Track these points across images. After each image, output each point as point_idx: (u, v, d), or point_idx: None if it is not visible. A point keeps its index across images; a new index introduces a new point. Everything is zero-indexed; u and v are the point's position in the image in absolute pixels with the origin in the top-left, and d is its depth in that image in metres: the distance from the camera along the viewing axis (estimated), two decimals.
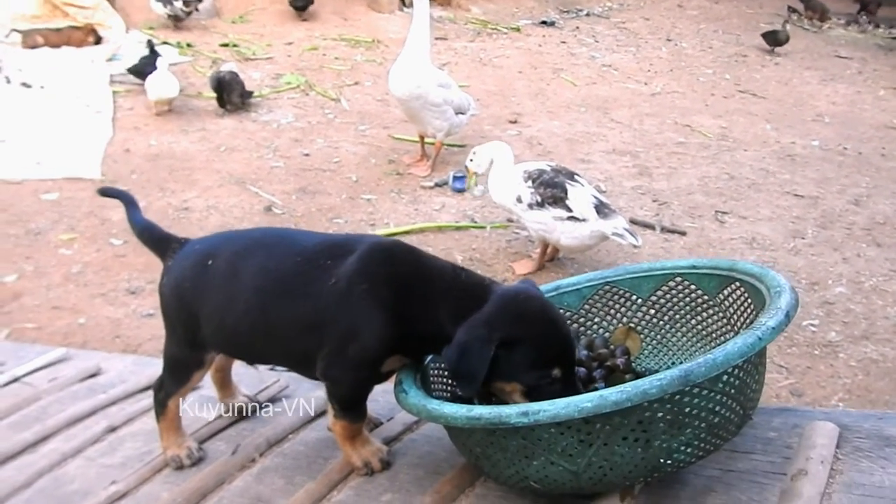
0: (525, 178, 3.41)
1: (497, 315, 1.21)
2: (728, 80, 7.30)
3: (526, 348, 1.19)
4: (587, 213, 3.30)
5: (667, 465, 1.09)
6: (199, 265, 1.43)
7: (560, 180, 3.37)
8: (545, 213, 3.34)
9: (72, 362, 2.16)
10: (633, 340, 1.48)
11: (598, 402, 1.00)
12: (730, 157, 5.22)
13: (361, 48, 7.09)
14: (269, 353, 1.44)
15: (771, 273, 1.26)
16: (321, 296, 1.30)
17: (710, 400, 1.08)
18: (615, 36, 8.78)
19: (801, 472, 1.08)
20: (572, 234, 3.34)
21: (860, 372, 2.99)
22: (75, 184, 4.16)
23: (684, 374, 1.00)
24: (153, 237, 1.57)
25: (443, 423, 1.14)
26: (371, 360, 1.31)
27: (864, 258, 3.91)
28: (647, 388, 1.00)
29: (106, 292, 3.26)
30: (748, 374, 1.14)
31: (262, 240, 1.44)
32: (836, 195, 4.70)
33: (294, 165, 4.57)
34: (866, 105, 6.83)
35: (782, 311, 1.12)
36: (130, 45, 6.36)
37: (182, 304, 1.45)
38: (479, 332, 1.20)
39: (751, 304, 1.30)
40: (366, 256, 1.31)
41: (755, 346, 1.06)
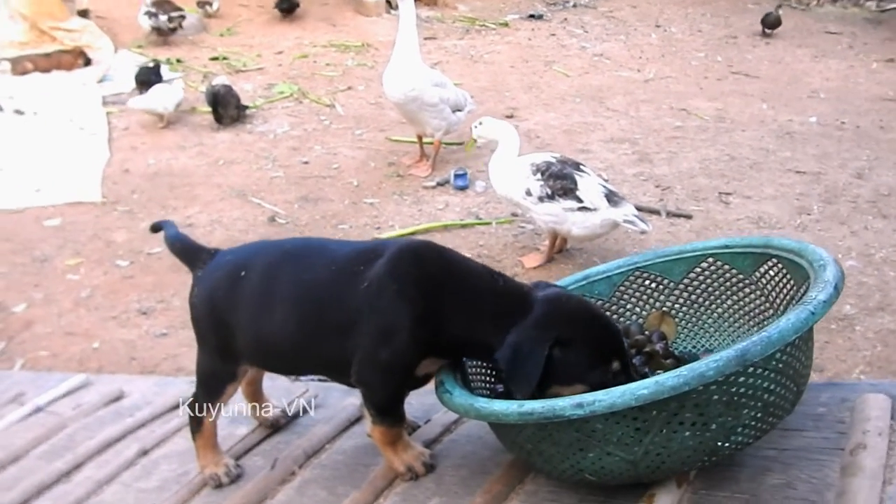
0: (533, 171, 3.40)
1: (547, 317, 1.21)
2: (720, 62, 7.30)
3: (582, 347, 1.19)
4: (598, 202, 3.30)
5: (724, 447, 1.07)
6: (232, 276, 1.42)
7: (569, 171, 3.37)
8: (556, 205, 3.34)
9: (93, 387, 2.14)
10: (668, 325, 1.46)
11: (656, 388, 0.98)
12: (728, 139, 5.21)
13: (352, 53, 7.08)
14: (306, 363, 1.43)
15: (810, 247, 1.24)
16: (353, 300, 1.29)
17: (764, 378, 1.07)
18: (604, 25, 8.77)
19: (860, 446, 1.06)
20: (584, 224, 3.33)
21: (878, 343, 2.98)
22: (76, 208, 4.14)
23: (741, 354, 0.98)
24: (184, 248, 1.56)
25: (493, 420, 1.12)
26: (404, 362, 1.29)
27: (871, 230, 3.90)
28: (704, 371, 0.98)
29: (117, 315, 3.24)
30: (800, 350, 1.12)
31: (295, 250, 1.43)
32: (838, 169, 4.69)
33: (294, 174, 4.55)
34: (860, 79, 6.83)
35: (830, 283, 1.11)
36: (120, 65, 6.33)
37: (214, 315, 1.43)
38: (532, 333, 1.19)
39: (790, 280, 1.28)
40: (395, 258, 1.30)
41: (809, 321, 1.04)
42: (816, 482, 1.07)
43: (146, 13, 6.76)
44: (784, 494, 1.07)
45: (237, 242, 3.66)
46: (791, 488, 1.08)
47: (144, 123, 5.26)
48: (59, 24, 6.47)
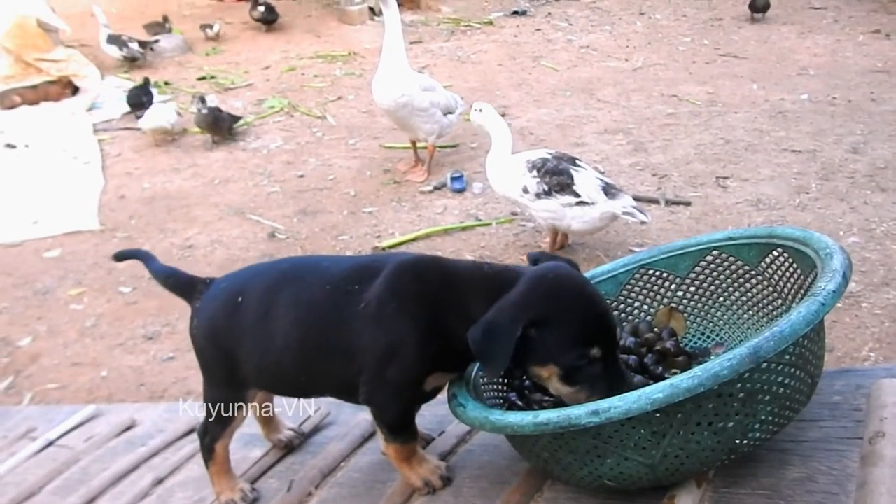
0: (529, 168, 3.40)
1: (525, 295, 1.16)
2: (707, 45, 7.29)
3: (558, 326, 1.14)
4: (595, 196, 3.30)
5: (743, 445, 1.06)
6: (230, 304, 1.41)
7: (564, 167, 3.37)
8: (553, 201, 3.34)
9: (104, 418, 2.14)
10: (676, 321, 1.45)
11: (671, 391, 0.97)
12: (722, 122, 5.21)
13: (339, 63, 7.07)
14: (312, 385, 1.42)
15: (816, 235, 1.23)
16: (354, 321, 1.28)
17: (778, 373, 1.05)
18: (588, 17, 8.77)
19: (879, 434, 1.05)
20: (583, 219, 3.33)
21: (886, 319, 2.97)
22: (75, 237, 4.14)
23: (754, 351, 0.97)
24: (178, 282, 1.54)
25: (509, 433, 1.11)
26: (412, 380, 1.28)
27: (871, 205, 3.89)
28: (718, 371, 0.97)
29: (123, 342, 3.23)
30: (812, 342, 1.11)
31: (291, 271, 1.41)
32: (834, 146, 4.68)
33: (290, 188, 4.55)
34: (848, 52, 6.82)
35: (839, 272, 1.09)
36: (108, 92, 6.33)
37: (217, 344, 1.42)
38: (507, 311, 1.14)
39: (797, 269, 1.27)
40: (391, 276, 1.29)
41: (820, 312, 1.03)
42: (837, 473, 1.06)
43: (109, 41, 6.77)
44: (805, 488, 1.06)
45: (239, 261, 3.68)
46: (812, 481, 1.07)
47: (137, 148, 5.26)
48: (43, 55, 6.48)
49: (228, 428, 1.49)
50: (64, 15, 6.96)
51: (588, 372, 1.14)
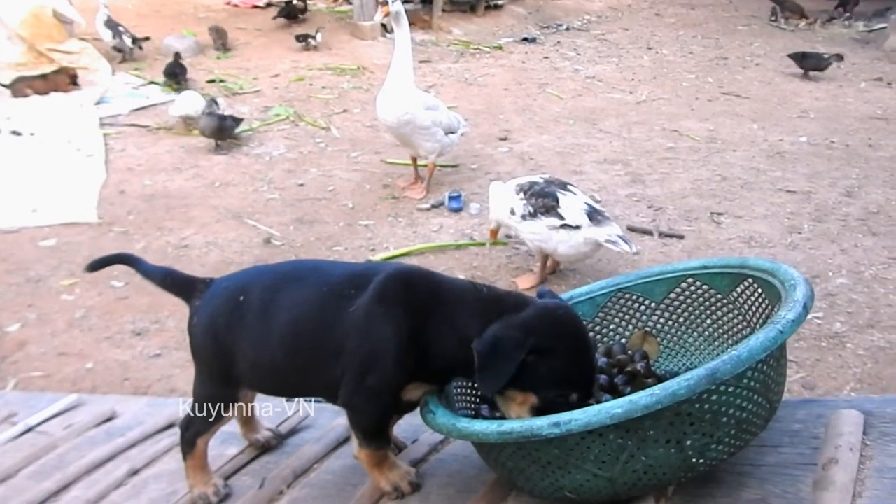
0: (517, 190, 3.47)
1: (536, 320, 1.21)
2: (711, 83, 7.38)
3: (554, 363, 1.18)
4: (579, 219, 3.32)
5: (700, 464, 1.09)
6: (231, 302, 1.44)
7: (551, 190, 3.42)
8: (538, 222, 3.38)
9: (85, 408, 2.15)
10: (650, 345, 1.48)
11: (629, 407, 1.00)
12: (720, 159, 5.27)
13: (347, 76, 7.15)
14: (304, 385, 1.44)
15: (783, 267, 1.27)
16: (343, 324, 1.32)
17: (737, 396, 1.09)
18: (596, 48, 8.87)
19: (832, 461, 1.09)
20: (568, 243, 3.36)
21: (869, 360, 3.01)
22: (72, 229, 4.16)
23: (711, 373, 1.01)
24: (176, 282, 1.57)
25: (474, 440, 1.14)
26: (390, 386, 1.31)
27: (861, 248, 3.94)
28: (675, 390, 1.00)
29: (111, 335, 3.25)
30: (771, 368, 1.15)
31: (292, 273, 1.45)
32: (828, 188, 4.74)
33: (289, 196, 4.59)
34: (849, 98, 6.91)
35: (800, 303, 1.13)
36: (118, 87, 6.39)
37: (216, 341, 1.45)
38: (515, 332, 1.18)
39: (765, 300, 1.31)
40: (382, 283, 1.33)
41: (777, 339, 1.07)
42: (790, 497, 1.09)
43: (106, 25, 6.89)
44: None
45: (232, 264, 3.71)
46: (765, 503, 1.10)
47: (142, 145, 5.30)
48: (56, 46, 6.54)
49: (216, 425, 1.51)
50: (80, 8, 7.04)
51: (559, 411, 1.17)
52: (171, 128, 5.57)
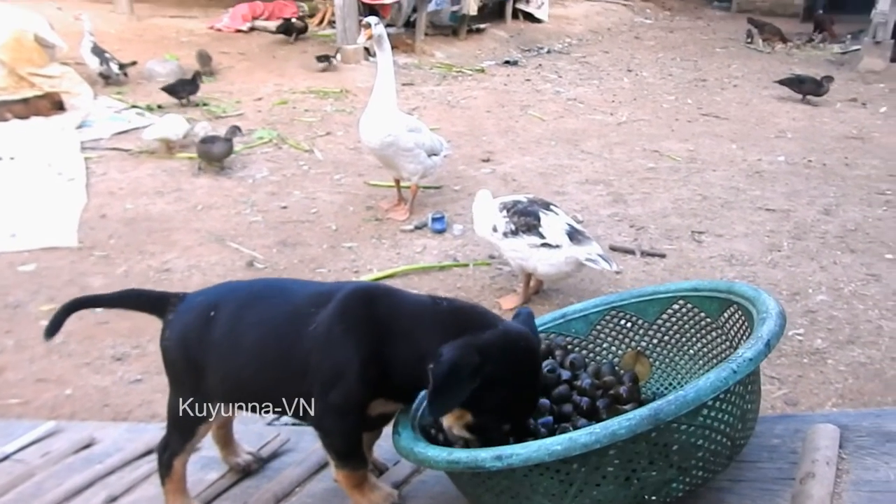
0: (500, 208, 3.51)
1: (493, 347, 1.19)
2: (690, 104, 7.48)
3: (499, 392, 1.18)
4: (560, 239, 3.35)
5: (654, 501, 1.09)
6: (203, 317, 1.44)
7: (534, 209, 3.45)
8: (520, 240, 3.41)
9: (64, 434, 2.13)
10: (642, 365, 1.48)
11: (568, 444, 1.01)
12: (700, 179, 5.33)
13: (330, 99, 7.17)
14: (271, 402, 1.44)
15: (763, 296, 1.25)
16: (305, 342, 1.32)
17: (690, 434, 1.08)
18: (577, 70, 8.98)
19: (809, 475, 1.09)
20: (548, 262, 3.39)
21: (850, 376, 3.03)
22: (52, 253, 4.12)
23: (654, 413, 1.00)
24: (149, 299, 1.57)
25: (427, 466, 1.15)
26: (354, 403, 1.30)
27: (840, 265, 3.98)
28: (615, 430, 1.00)
29: (91, 361, 3.21)
30: (733, 406, 1.13)
31: (262, 291, 1.46)
32: (807, 207, 4.80)
33: (273, 219, 4.58)
34: (825, 118, 7.03)
35: (762, 340, 1.11)
36: (99, 111, 6.37)
37: (188, 355, 1.45)
38: (472, 358, 1.16)
39: (748, 328, 1.30)
40: (342, 300, 1.33)
41: (729, 379, 1.04)
42: None
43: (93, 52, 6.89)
44: None
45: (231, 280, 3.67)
46: None
47: (123, 168, 5.28)
48: (37, 70, 6.51)
49: (190, 443, 1.50)
50: (62, 33, 7.03)
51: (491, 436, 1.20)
52: (154, 151, 5.55)
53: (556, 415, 1.33)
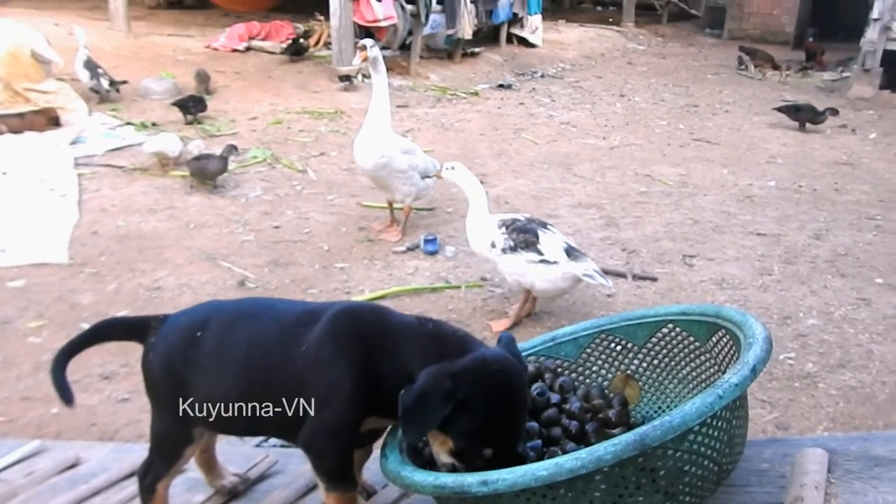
0: (500, 225, 3.54)
1: (467, 373, 1.19)
2: (682, 129, 7.55)
3: (475, 418, 1.18)
4: (558, 255, 3.41)
5: None
6: (188, 337, 1.43)
7: (532, 227, 3.50)
8: (518, 256, 3.45)
9: (49, 454, 2.10)
10: (632, 388, 1.48)
11: (554, 469, 1.01)
12: (691, 203, 5.36)
13: (325, 119, 7.20)
14: (257, 424, 1.43)
15: (750, 321, 1.25)
16: (295, 363, 1.32)
17: (677, 460, 1.08)
18: (570, 95, 9.05)
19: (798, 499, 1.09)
20: (546, 277, 3.43)
21: (841, 400, 3.04)
22: (42, 269, 4.10)
23: (639, 439, 1.00)
24: (127, 328, 1.56)
25: (413, 490, 1.14)
26: (347, 423, 1.30)
27: (830, 289, 4.00)
28: (601, 455, 1.00)
29: (79, 379, 3.18)
30: (720, 430, 1.13)
31: (250, 311, 1.45)
32: (797, 231, 4.83)
33: (265, 238, 4.57)
34: (815, 144, 7.10)
35: (748, 365, 1.11)
36: (94, 127, 6.38)
37: (172, 376, 1.43)
38: (446, 384, 1.17)
39: (736, 353, 1.30)
40: (331, 320, 1.33)
41: (715, 405, 1.05)
42: None
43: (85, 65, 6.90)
44: None
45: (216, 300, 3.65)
46: None
47: (116, 185, 5.27)
48: (33, 85, 6.52)
49: (174, 466, 1.48)
50: (58, 49, 7.05)
51: (474, 461, 1.19)
52: (147, 168, 5.55)
53: (545, 438, 1.33)
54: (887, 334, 3.52)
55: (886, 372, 3.21)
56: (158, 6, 12.38)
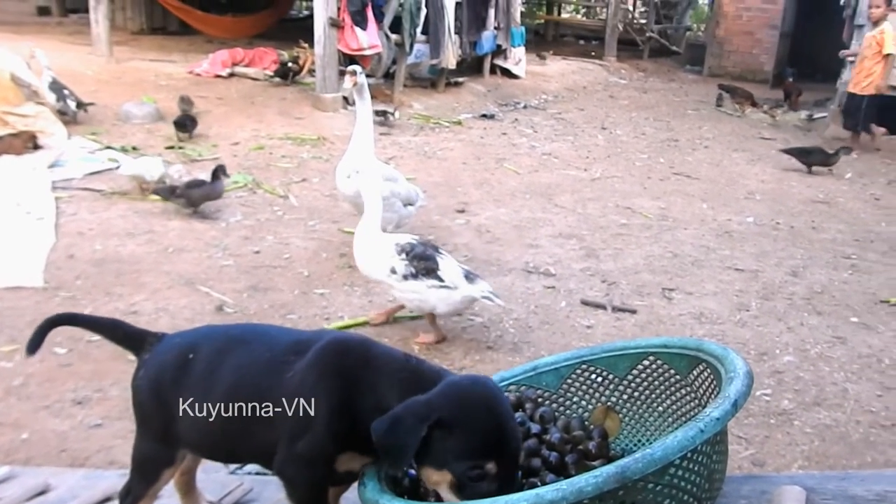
0: (398, 251, 3.62)
1: (437, 396, 1.18)
2: (663, 163, 7.65)
3: (460, 433, 1.15)
4: (458, 281, 3.54)
5: None
6: (181, 359, 1.42)
7: (430, 253, 3.62)
8: (420, 283, 3.56)
9: (17, 480, 2.04)
10: (612, 420, 1.48)
11: (535, 500, 1.00)
12: (671, 236, 5.41)
13: (307, 146, 7.22)
14: (243, 450, 1.41)
15: (731, 356, 1.26)
16: (281, 390, 1.31)
17: (657, 494, 1.07)
18: (553, 126, 9.16)
19: None
20: (447, 301, 3.56)
21: (816, 438, 3.05)
22: (16, 293, 4.04)
23: (621, 471, 1.00)
24: (126, 334, 1.54)
25: None
26: (322, 455, 1.28)
27: (807, 326, 4.04)
28: (582, 486, 0.99)
29: (50, 404, 3.12)
30: (700, 465, 1.13)
31: (242, 336, 1.44)
32: (775, 268, 4.89)
33: (244, 263, 4.55)
34: (793, 182, 7.21)
35: (729, 399, 1.12)
36: (73, 151, 6.33)
37: (160, 397, 1.42)
38: (416, 407, 1.16)
39: (716, 388, 1.30)
40: (319, 350, 1.32)
41: (696, 438, 1.04)
42: None
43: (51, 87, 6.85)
44: None
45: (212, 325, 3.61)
46: None
47: (94, 209, 5.23)
48: (12, 109, 6.47)
49: (153, 487, 1.46)
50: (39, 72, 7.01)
51: (479, 486, 1.14)
52: (127, 192, 5.51)
53: (525, 469, 1.32)
54: (862, 373, 3.56)
55: (861, 411, 3.24)
56: (141, 32, 12.38)
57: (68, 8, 13.29)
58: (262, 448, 1.35)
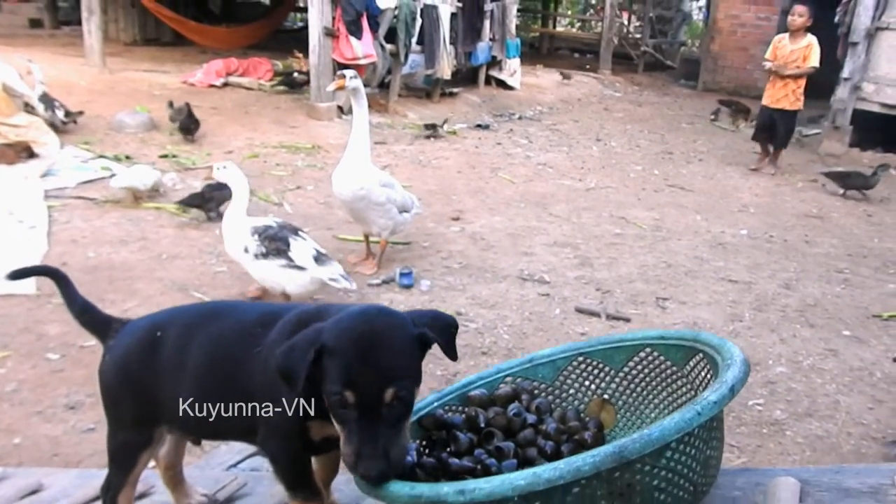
0: (252, 232, 3.79)
1: (330, 323, 1.19)
2: (657, 175, 7.68)
3: (335, 359, 1.14)
4: (307, 262, 3.71)
5: None
6: (148, 338, 1.41)
7: (283, 235, 3.76)
8: (270, 262, 3.73)
9: (9, 481, 2.03)
10: (607, 412, 1.48)
11: (532, 479, 1.00)
12: (665, 247, 5.42)
13: (302, 154, 7.22)
14: (222, 426, 1.39)
15: (728, 345, 1.27)
16: (250, 363, 1.31)
17: (653, 476, 1.08)
18: (548, 137, 9.20)
19: None
20: (296, 282, 3.75)
21: (807, 448, 3.05)
22: (8, 300, 4.02)
23: (618, 451, 1.01)
24: (94, 319, 1.54)
25: (388, 502, 1.13)
26: (292, 426, 1.27)
27: (799, 338, 4.05)
28: (580, 465, 1.00)
29: (43, 409, 3.10)
30: (696, 450, 1.14)
31: (210, 312, 1.45)
32: (768, 280, 4.90)
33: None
34: (787, 196, 7.25)
35: (727, 384, 1.12)
36: (66, 160, 6.32)
37: (128, 379, 1.41)
38: (309, 333, 1.18)
39: (712, 377, 1.31)
40: (286, 322, 1.32)
41: (693, 420, 1.05)
42: None
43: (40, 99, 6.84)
44: None
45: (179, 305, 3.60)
46: None
47: (87, 217, 5.21)
48: (5, 119, 6.47)
49: (131, 473, 1.45)
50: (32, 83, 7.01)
51: (345, 417, 1.14)
52: (119, 201, 5.50)
53: (521, 459, 1.32)
54: (853, 386, 3.56)
55: (852, 423, 3.24)
56: (134, 43, 12.39)
57: (60, 20, 13.32)
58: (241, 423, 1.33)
